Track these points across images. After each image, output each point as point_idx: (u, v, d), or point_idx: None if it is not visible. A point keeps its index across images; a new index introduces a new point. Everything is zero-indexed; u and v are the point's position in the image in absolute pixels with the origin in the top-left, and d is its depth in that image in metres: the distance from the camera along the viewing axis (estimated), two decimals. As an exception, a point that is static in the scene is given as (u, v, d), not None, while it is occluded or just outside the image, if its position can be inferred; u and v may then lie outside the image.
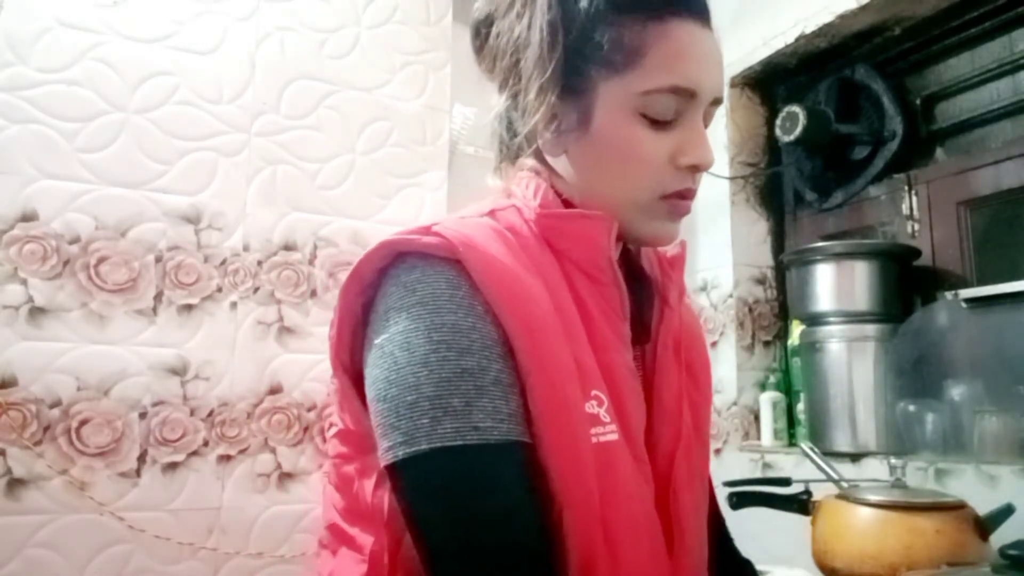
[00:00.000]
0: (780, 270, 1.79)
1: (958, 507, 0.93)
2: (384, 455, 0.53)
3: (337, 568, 0.61)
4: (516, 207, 0.63)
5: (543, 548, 0.52)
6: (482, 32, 0.67)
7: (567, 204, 0.64)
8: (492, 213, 0.62)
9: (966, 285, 1.40)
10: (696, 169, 0.62)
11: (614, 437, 0.57)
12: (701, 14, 0.61)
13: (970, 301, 1.30)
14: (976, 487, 1.15)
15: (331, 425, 0.64)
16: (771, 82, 1.84)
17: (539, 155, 0.65)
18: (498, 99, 0.68)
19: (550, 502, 0.53)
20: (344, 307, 0.59)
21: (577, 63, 0.60)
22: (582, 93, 0.60)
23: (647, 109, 0.59)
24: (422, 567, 0.52)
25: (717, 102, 0.63)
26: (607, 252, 0.61)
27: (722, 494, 1.07)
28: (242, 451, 1.50)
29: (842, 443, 1.43)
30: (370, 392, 0.55)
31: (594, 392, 0.57)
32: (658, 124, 0.60)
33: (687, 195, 0.62)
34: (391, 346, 0.54)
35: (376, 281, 0.58)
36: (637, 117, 0.60)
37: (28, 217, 1.38)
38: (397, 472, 0.52)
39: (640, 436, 0.61)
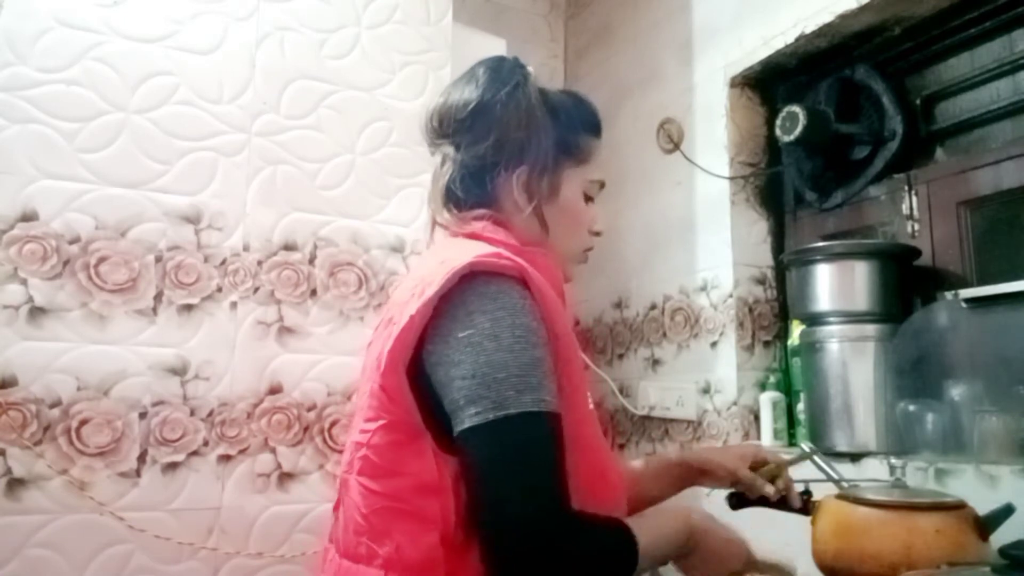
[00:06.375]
0: (780, 270, 1.78)
1: (958, 507, 0.93)
2: (471, 417, 0.69)
3: (403, 541, 0.73)
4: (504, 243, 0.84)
5: (565, 488, 0.71)
6: (485, 103, 0.87)
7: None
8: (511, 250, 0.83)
9: (966, 285, 1.39)
10: (598, 234, 0.96)
11: (591, 404, 0.85)
12: None
13: (970, 301, 1.30)
14: (976, 487, 1.15)
15: (368, 420, 0.77)
16: (771, 82, 1.83)
17: (495, 208, 0.88)
18: (467, 154, 0.87)
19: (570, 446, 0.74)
20: (420, 316, 0.73)
21: (559, 152, 0.89)
22: (555, 172, 0.89)
23: (589, 190, 0.94)
24: (476, 503, 0.70)
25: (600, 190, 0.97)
26: (563, 280, 0.89)
27: (722, 494, 1.07)
28: (242, 451, 1.50)
29: (842, 443, 1.43)
30: (453, 371, 0.71)
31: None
32: (588, 201, 0.94)
33: (590, 249, 0.97)
34: (479, 337, 0.71)
35: (439, 296, 0.73)
36: (581, 195, 0.93)
37: (28, 217, 1.38)
38: (483, 429, 0.69)
39: None
